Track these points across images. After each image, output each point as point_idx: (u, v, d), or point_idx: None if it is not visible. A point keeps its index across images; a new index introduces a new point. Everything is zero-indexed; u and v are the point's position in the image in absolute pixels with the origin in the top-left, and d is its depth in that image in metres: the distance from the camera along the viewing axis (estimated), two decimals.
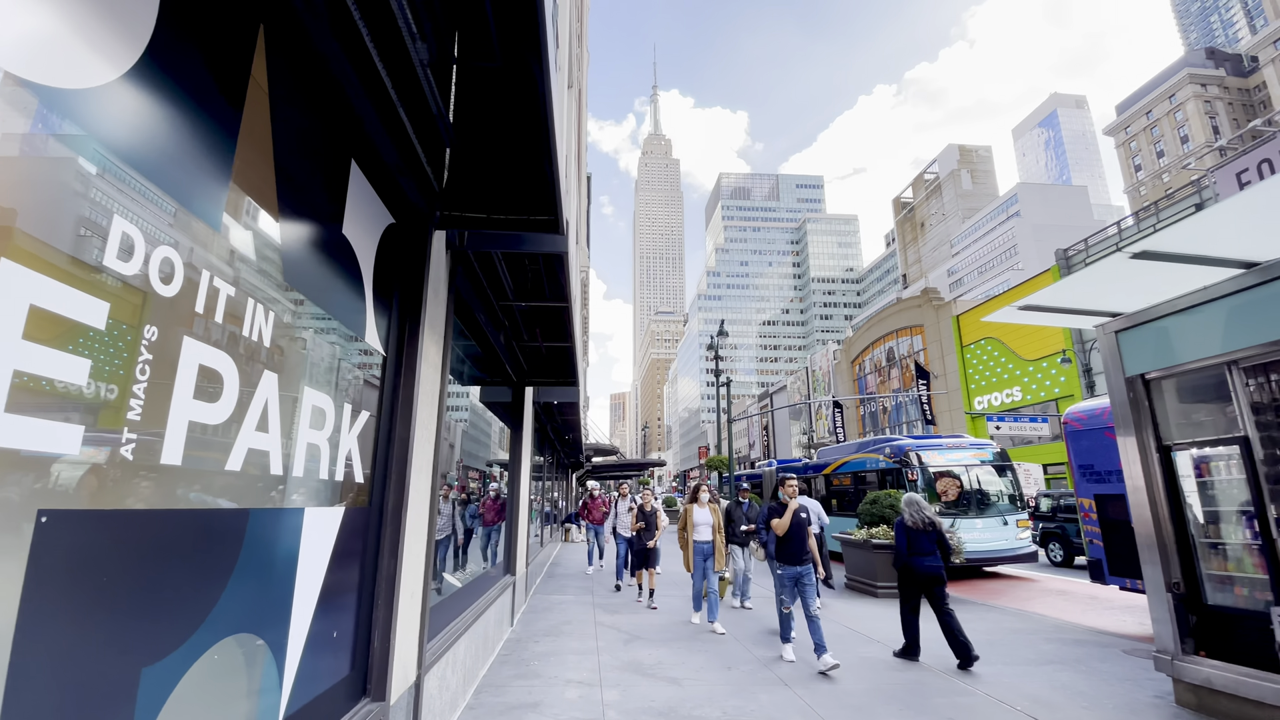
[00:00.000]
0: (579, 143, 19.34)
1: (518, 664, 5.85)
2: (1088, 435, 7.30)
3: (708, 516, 7.63)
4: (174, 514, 1.51)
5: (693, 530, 7.60)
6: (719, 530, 7.53)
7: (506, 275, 4.73)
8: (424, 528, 3.39)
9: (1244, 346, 4.08)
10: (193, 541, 1.59)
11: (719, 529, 7.54)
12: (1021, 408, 30.07)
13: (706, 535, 7.56)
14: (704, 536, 7.57)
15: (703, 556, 7.55)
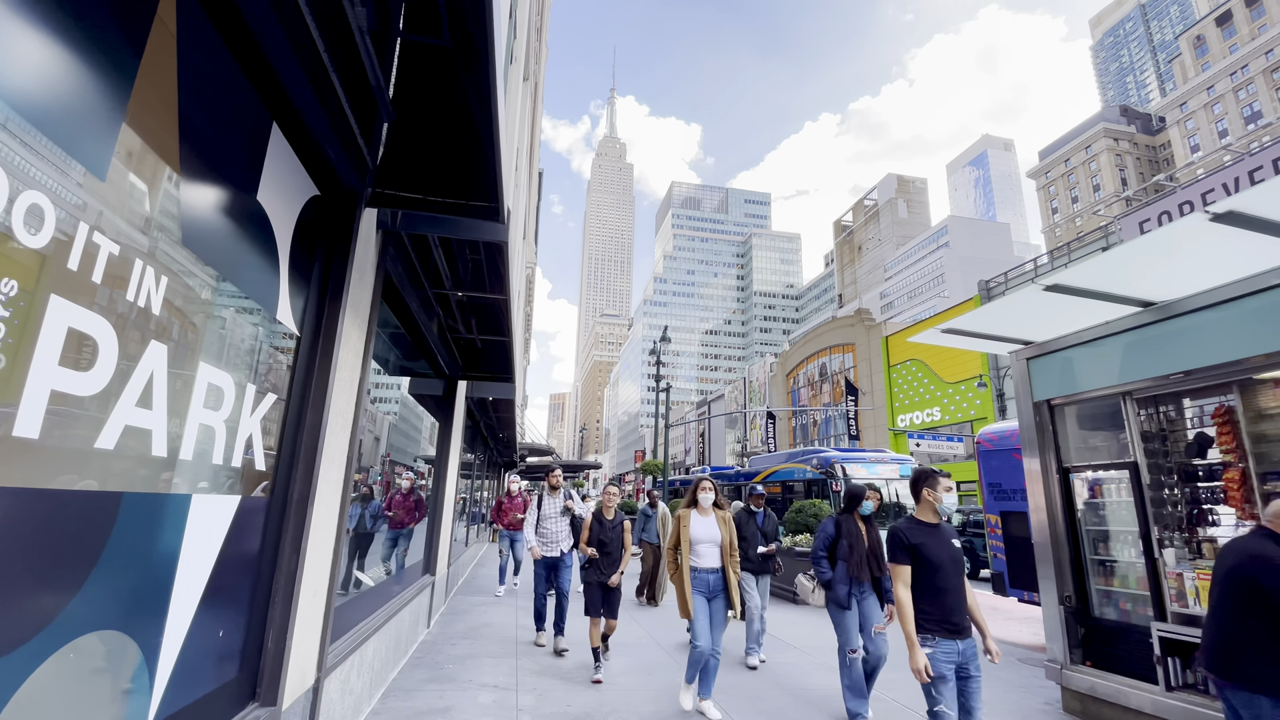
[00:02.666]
0: (532, 137, 19.06)
1: (431, 667, 5.63)
2: (997, 455, 7.75)
3: (713, 530, 4.82)
4: (24, 493, 1.34)
5: (688, 551, 4.79)
6: (730, 553, 4.79)
7: (443, 262, 4.55)
8: (333, 522, 3.20)
9: (1138, 379, 4.41)
10: (47, 526, 1.41)
11: (730, 551, 4.79)
12: (940, 427, 31.74)
13: (712, 560, 4.75)
14: (708, 562, 4.74)
15: (707, 593, 4.70)
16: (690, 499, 5.06)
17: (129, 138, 1.58)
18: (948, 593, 3.33)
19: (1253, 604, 2.70)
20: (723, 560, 4.79)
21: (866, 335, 42.43)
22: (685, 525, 4.86)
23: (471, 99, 2.83)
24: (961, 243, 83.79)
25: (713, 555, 4.79)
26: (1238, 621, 2.74)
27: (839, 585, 4.79)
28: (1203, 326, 3.97)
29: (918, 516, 3.48)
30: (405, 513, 5.82)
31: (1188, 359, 4.06)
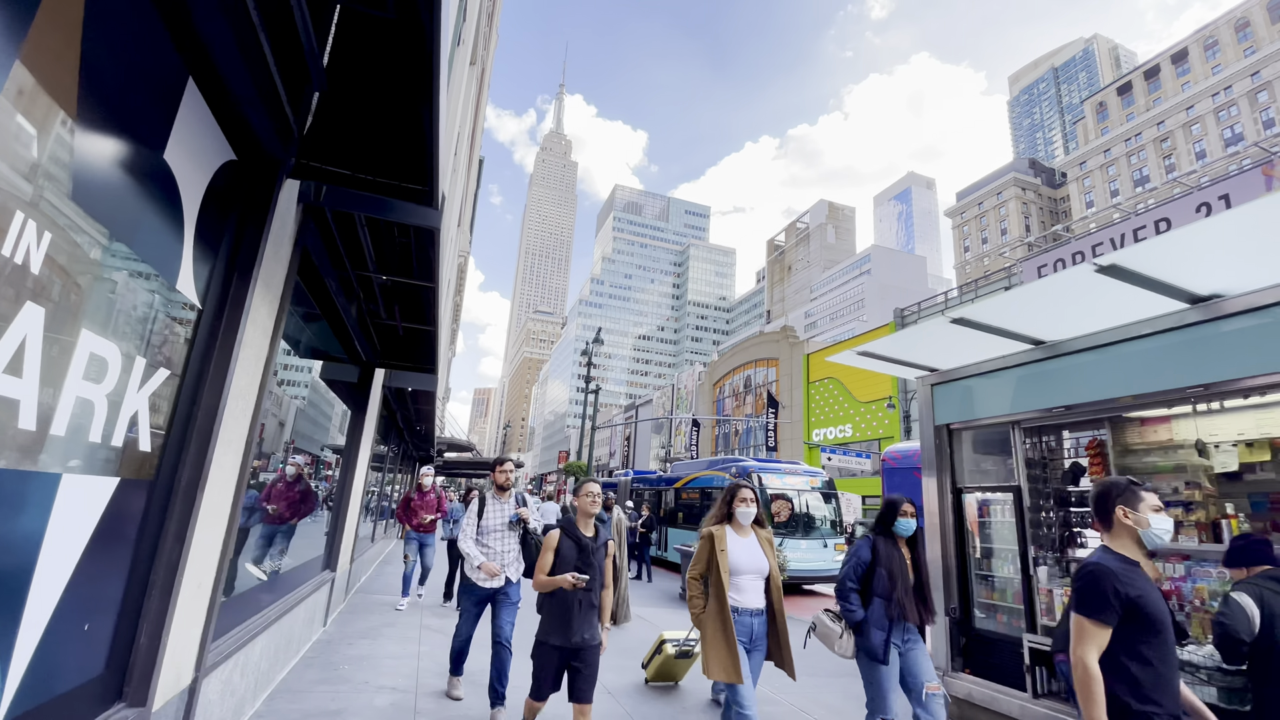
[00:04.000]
0: (475, 124, 18.59)
1: (325, 667, 5.34)
2: (900, 473, 8.24)
3: (758, 556, 3.69)
4: None
5: (727, 581, 3.58)
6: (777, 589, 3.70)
7: (369, 243, 4.35)
8: (225, 511, 2.98)
9: (1026, 410, 4.81)
10: None
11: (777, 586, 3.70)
12: (851, 443, 33.39)
13: (756, 597, 3.65)
14: (751, 600, 3.63)
15: (747, 643, 3.56)
16: (723, 513, 3.82)
17: (21, 74, 1.42)
18: (1172, 671, 2.12)
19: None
20: (769, 597, 3.67)
21: (790, 352, 44.06)
22: (721, 548, 3.61)
23: (413, 78, 2.74)
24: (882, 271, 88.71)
25: (757, 590, 3.64)
26: None
27: (874, 630, 3.69)
28: (1083, 366, 4.39)
29: (1114, 548, 2.28)
30: (288, 505, 4.84)
31: (1069, 395, 4.47)
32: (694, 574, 3.70)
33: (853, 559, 3.96)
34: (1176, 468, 4.46)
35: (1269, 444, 4.22)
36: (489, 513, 4.72)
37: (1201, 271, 3.51)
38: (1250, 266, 3.38)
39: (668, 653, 5.49)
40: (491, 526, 4.69)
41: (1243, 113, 57.18)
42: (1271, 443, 4.21)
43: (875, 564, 3.85)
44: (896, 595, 3.72)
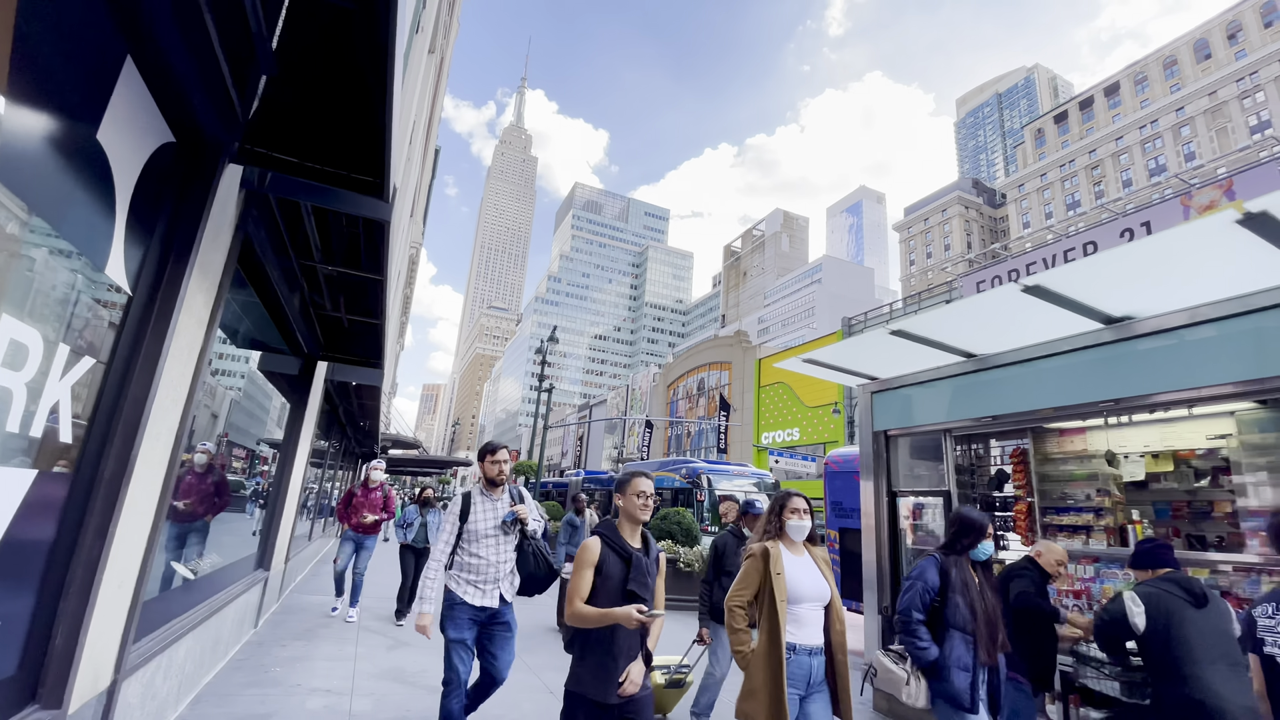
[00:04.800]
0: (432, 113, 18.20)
1: (254, 670, 5.15)
2: (841, 476, 8.53)
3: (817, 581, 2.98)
4: None
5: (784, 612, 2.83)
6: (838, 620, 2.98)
7: (315, 232, 4.23)
8: (151, 507, 2.85)
9: (957, 419, 5.08)
10: None
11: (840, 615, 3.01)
12: (797, 446, 34.21)
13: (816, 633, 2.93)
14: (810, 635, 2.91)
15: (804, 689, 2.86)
16: (774, 526, 3.09)
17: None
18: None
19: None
20: (829, 633, 2.95)
21: (743, 356, 44.85)
22: (778, 570, 2.88)
23: (366, 66, 2.69)
24: (832, 281, 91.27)
25: (817, 623, 2.93)
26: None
27: (955, 671, 3.02)
28: (1009, 379, 4.67)
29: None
30: (199, 500, 4.16)
31: (996, 405, 4.75)
32: (739, 601, 2.91)
33: (917, 584, 3.19)
34: (1089, 476, 4.79)
35: (1172, 456, 4.60)
36: (477, 514, 3.69)
37: (1115, 295, 3.79)
38: (1159, 291, 3.68)
39: (656, 681, 4.55)
40: (481, 531, 3.64)
41: (1166, 145, 61.49)
42: (1174, 455, 4.58)
43: (947, 590, 3.15)
44: (978, 629, 3.04)
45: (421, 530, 8.01)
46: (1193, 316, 3.63)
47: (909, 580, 3.28)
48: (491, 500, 3.78)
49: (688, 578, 10.27)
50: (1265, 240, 2.95)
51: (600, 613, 2.51)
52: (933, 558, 3.30)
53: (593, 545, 2.69)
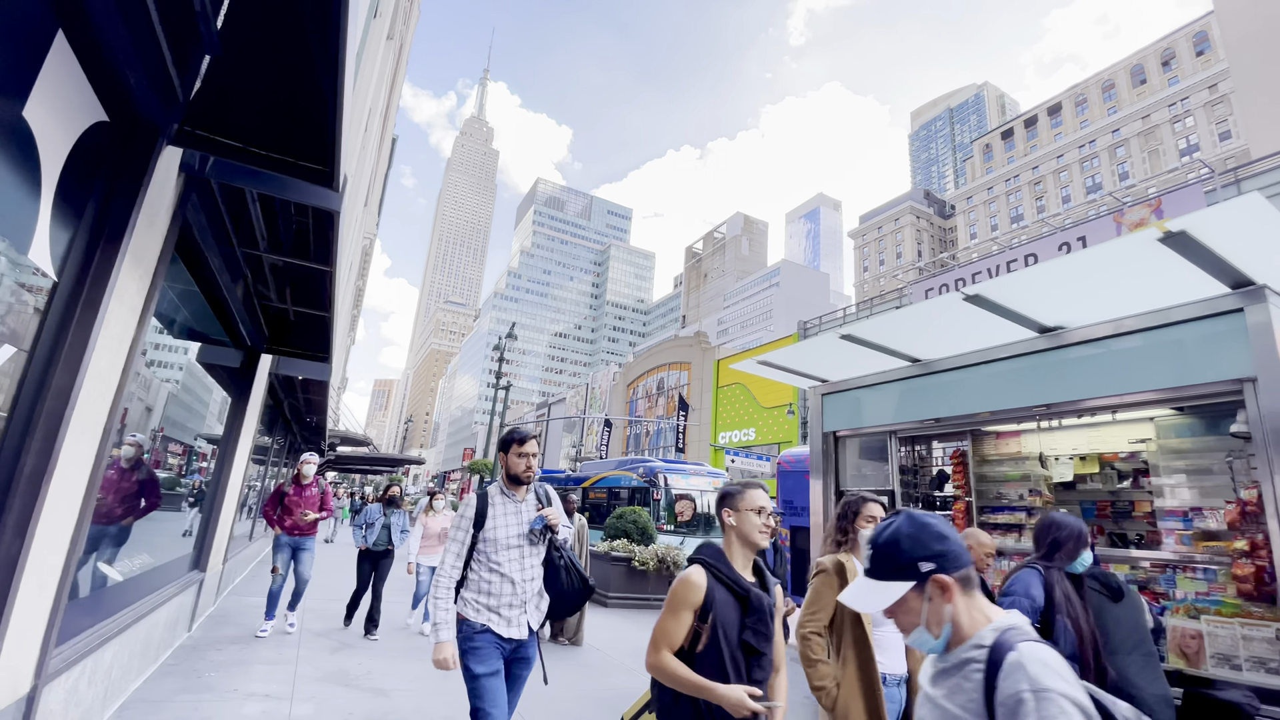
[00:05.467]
0: (389, 101, 17.76)
1: (187, 675, 4.93)
2: (793, 476, 8.73)
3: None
4: None
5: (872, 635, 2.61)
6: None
7: (261, 221, 4.08)
8: (76, 505, 2.71)
9: (902, 421, 5.26)
10: None
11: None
12: (753, 446, 34.79)
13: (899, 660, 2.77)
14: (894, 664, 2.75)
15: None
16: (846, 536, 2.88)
17: None
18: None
19: None
20: (909, 658, 2.74)
21: (702, 356, 45.30)
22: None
23: (316, 50, 2.61)
24: (790, 284, 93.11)
25: (899, 648, 2.72)
26: None
27: None
28: (950, 384, 4.86)
29: None
30: (118, 500, 3.76)
31: (938, 408, 4.94)
32: (815, 626, 2.56)
33: (1021, 602, 2.68)
34: (1023, 477, 5.04)
35: (1098, 458, 4.87)
36: (497, 519, 2.93)
37: (1049, 305, 4.00)
38: (1089, 303, 3.90)
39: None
40: (504, 540, 2.89)
41: (1103, 164, 65.01)
42: (1100, 457, 4.86)
43: (1051, 610, 2.67)
44: (1086, 654, 2.62)
45: (384, 533, 7.27)
46: (1118, 328, 3.86)
47: (1006, 597, 2.72)
48: (515, 502, 2.98)
49: (642, 576, 10.33)
50: (1184, 258, 3.17)
51: (698, 684, 1.90)
52: (1033, 570, 2.78)
53: (696, 578, 2.02)
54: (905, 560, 1.28)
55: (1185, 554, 3.91)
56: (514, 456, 2.98)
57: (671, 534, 12.81)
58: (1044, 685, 1.08)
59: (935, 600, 1.26)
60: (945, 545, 1.28)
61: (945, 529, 1.31)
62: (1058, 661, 1.13)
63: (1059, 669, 1.11)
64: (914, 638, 1.30)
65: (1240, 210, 2.79)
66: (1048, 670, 1.10)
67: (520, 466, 2.98)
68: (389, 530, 7.32)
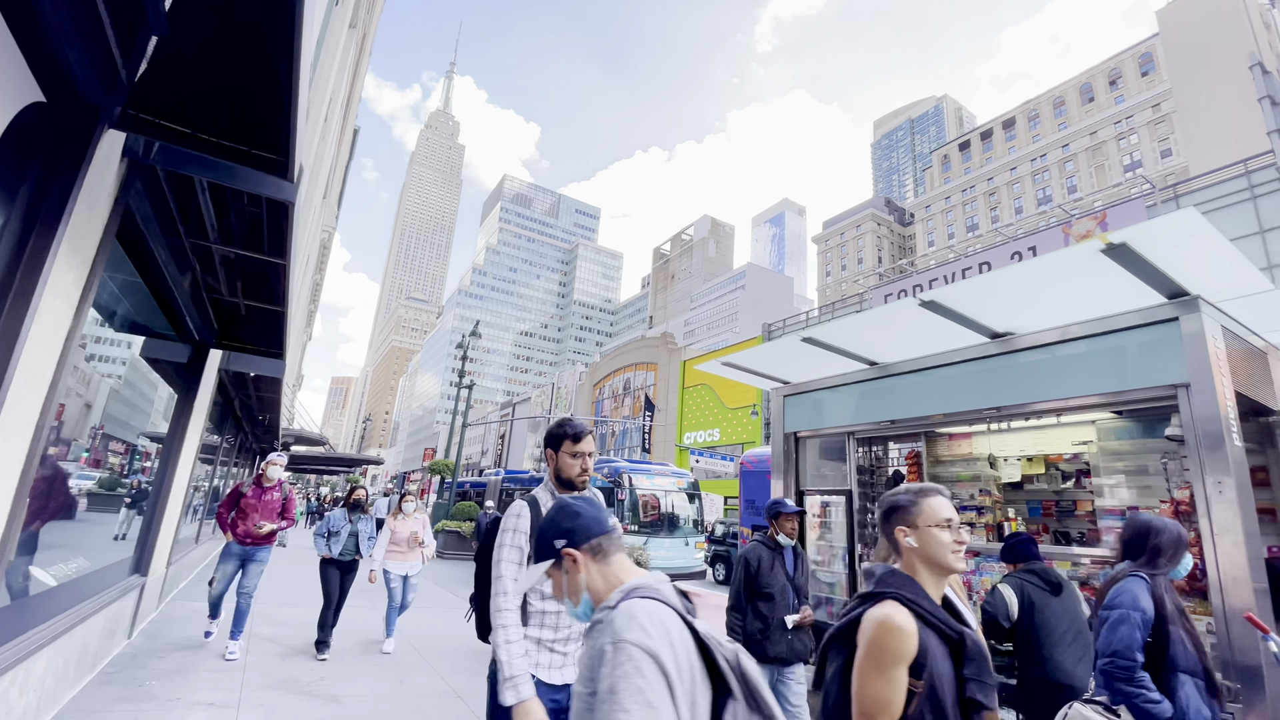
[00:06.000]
0: (351, 91, 17.31)
1: (127, 684, 4.70)
2: (755, 476, 8.85)
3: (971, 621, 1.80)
4: None
5: None
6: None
7: (210, 210, 3.92)
8: (5, 505, 2.55)
9: (860, 423, 5.38)
10: None
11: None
12: (718, 446, 35.13)
13: None
14: None
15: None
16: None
17: None
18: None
19: None
20: None
21: (668, 357, 45.50)
22: None
23: (273, 34, 2.52)
24: (755, 287, 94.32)
25: None
26: None
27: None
28: (906, 386, 5.00)
29: None
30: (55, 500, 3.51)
31: (895, 410, 5.07)
32: None
33: (1132, 615, 2.36)
34: (974, 477, 5.22)
35: (1044, 459, 5.08)
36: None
37: (1000, 312, 4.15)
38: (1038, 310, 4.06)
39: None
40: None
41: (1053, 178, 67.76)
42: (1045, 458, 5.07)
43: (1163, 623, 2.37)
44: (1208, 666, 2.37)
45: (351, 541, 6.51)
46: (1064, 334, 4.02)
47: (1115, 610, 2.41)
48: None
49: None
50: (1125, 269, 3.32)
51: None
52: (1139, 579, 2.49)
53: (905, 623, 1.54)
54: (544, 540, 1.41)
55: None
56: (566, 456, 2.44)
57: (635, 534, 12.82)
58: (621, 636, 1.13)
59: (571, 573, 1.37)
60: (575, 522, 1.39)
61: (581, 508, 1.42)
62: (649, 614, 1.18)
63: (646, 621, 1.15)
64: (565, 609, 1.43)
65: (1177, 225, 2.94)
66: (631, 623, 1.15)
67: (575, 469, 2.43)
68: (356, 539, 6.56)
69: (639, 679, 1.08)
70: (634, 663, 1.09)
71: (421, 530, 6.98)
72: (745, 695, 1.18)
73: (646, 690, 1.07)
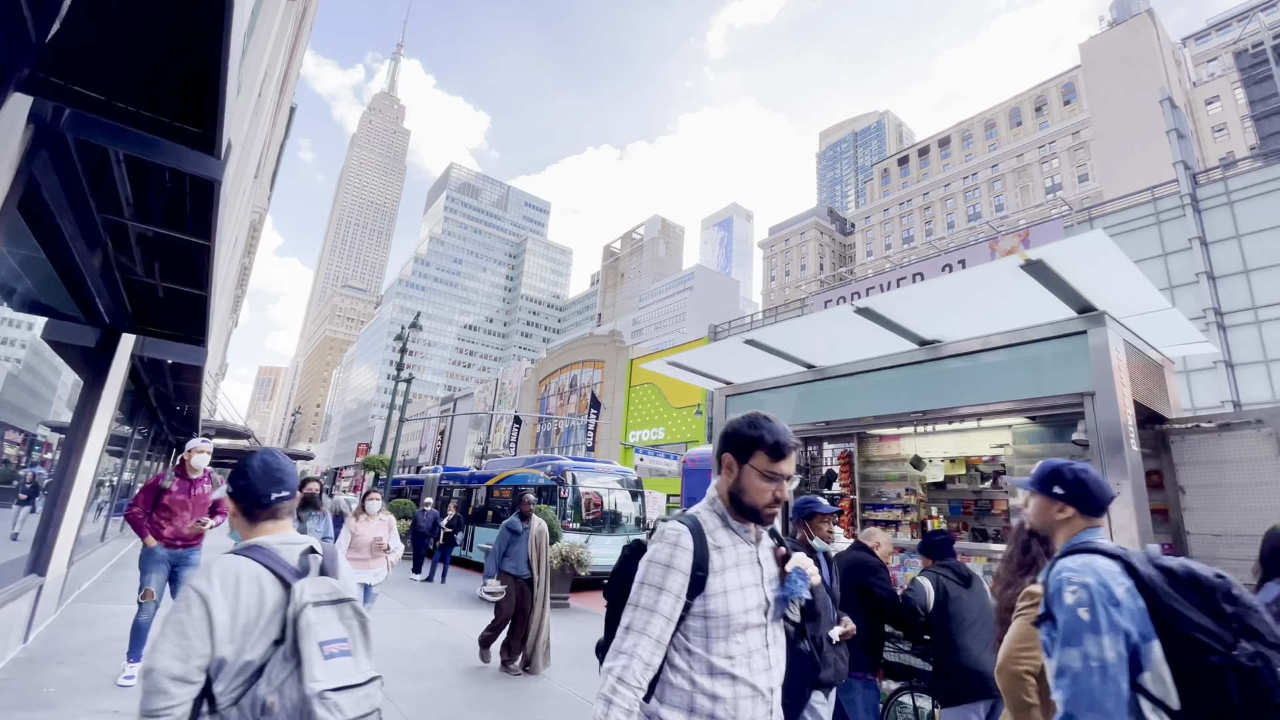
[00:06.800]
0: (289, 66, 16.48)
1: (21, 691, 4.33)
2: (697, 474, 8.99)
3: None
4: None
5: None
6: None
7: (127, 186, 3.65)
8: None
9: (798, 423, 5.55)
10: None
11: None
12: (662, 445, 35.44)
13: None
14: None
15: None
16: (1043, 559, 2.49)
17: None
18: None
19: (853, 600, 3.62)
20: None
21: (616, 355, 45.52)
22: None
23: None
24: (703, 290, 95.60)
25: None
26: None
27: None
28: (841, 389, 5.19)
29: None
30: None
31: (829, 412, 5.26)
32: (1030, 666, 2.10)
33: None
34: (900, 477, 5.47)
35: (965, 461, 5.38)
36: (728, 572, 1.61)
37: (928, 320, 4.37)
38: (963, 320, 4.29)
39: None
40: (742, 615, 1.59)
41: (983, 196, 71.69)
42: (966, 460, 5.37)
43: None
44: None
45: None
46: (986, 343, 4.27)
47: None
48: (748, 544, 1.68)
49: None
50: (1041, 284, 3.56)
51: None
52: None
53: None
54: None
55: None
56: (756, 474, 1.62)
57: (577, 532, 12.78)
58: (190, 581, 1.46)
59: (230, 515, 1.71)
60: (243, 483, 1.66)
61: (256, 477, 1.66)
62: (225, 569, 1.48)
63: (215, 573, 1.46)
64: None
65: (1087, 245, 3.18)
66: (203, 572, 1.47)
67: (765, 496, 1.61)
68: None
69: (185, 614, 1.40)
70: (187, 601, 1.41)
71: (387, 534, 6.38)
72: (292, 642, 1.44)
73: (186, 624, 1.39)
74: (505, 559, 6.49)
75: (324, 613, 1.49)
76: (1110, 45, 52.88)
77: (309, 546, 1.64)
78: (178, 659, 1.36)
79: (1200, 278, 16.65)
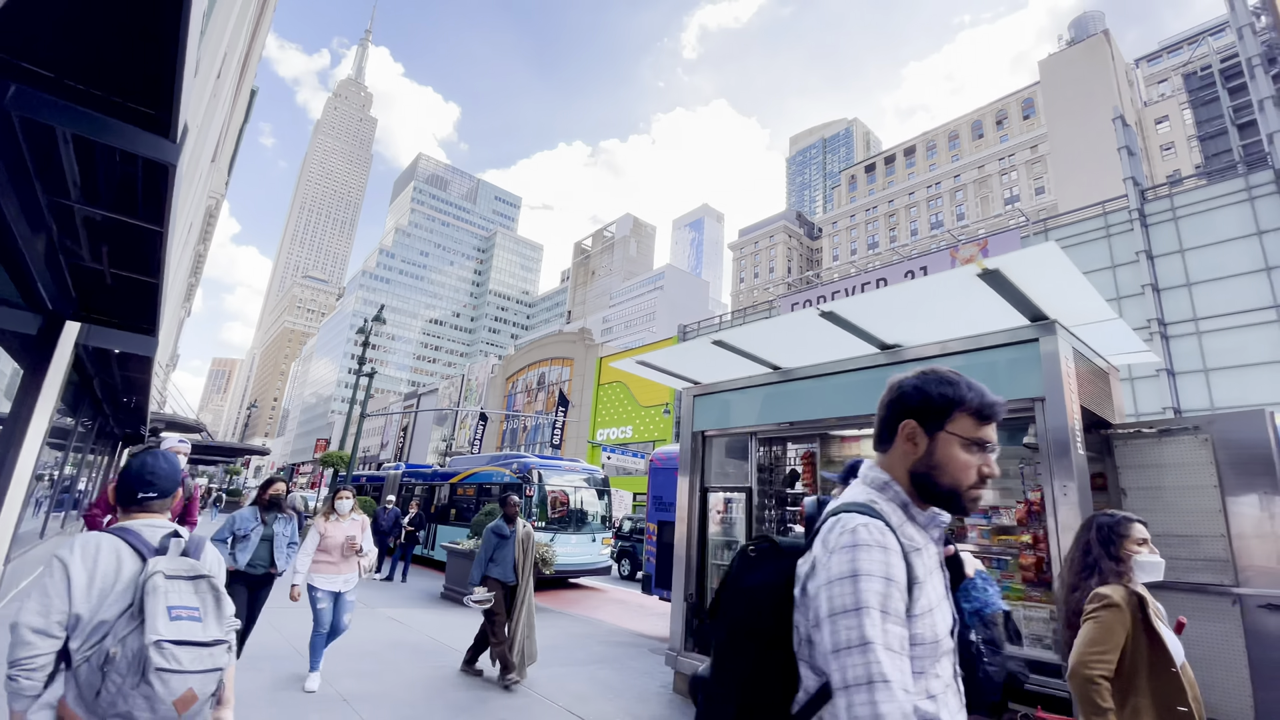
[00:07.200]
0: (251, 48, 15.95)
1: None
2: (663, 473, 9.02)
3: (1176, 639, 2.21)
4: None
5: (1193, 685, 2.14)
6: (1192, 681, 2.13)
7: (74, 164, 3.49)
8: None
9: (762, 423, 5.64)
10: None
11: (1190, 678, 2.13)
12: (630, 443, 35.52)
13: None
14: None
15: None
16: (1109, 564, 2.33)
17: None
18: None
19: None
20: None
21: (585, 353, 45.39)
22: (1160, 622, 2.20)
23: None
24: (673, 289, 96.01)
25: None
26: None
27: None
28: (806, 391, 5.29)
29: None
30: None
31: (793, 413, 5.36)
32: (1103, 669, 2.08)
33: None
34: None
35: None
36: (929, 583, 1.20)
37: (889, 325, 4.49)
38: (922, 325, 4.42)
39: None
40: (947, 633, 1.22)
41: (945, 205, 73.72)
42: None
43: None
44: None
45: (264, 548, 5.21)
46: (944, 348, 4.41)
47: None
48: (936, 542, 1.31)
49: None
50: (996, 292, 3.70)
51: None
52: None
53: None
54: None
55: (985, 546, 4.55)
56: (958, 444, 1.27)
57: (543, 530, 12.71)
58: (56, 551, 1.72)
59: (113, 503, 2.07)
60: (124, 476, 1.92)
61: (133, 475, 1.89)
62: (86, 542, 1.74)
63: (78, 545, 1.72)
64: None
65: (1040, 256, 3.31)
66: (69, 543, 1.73)
67: (970, 474, 1.26)
68: (270, 545, 5.24)
69: (48, 578, 1.66)
70: (51, 568, 1.67)
71: (360, 535, 5.78)
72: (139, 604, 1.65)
73: (48, 586, 1.64)
74: (492, 564, 6.10)
75: (177, 584, 1.71)
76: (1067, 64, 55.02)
77: (172, 531, 1.88)
78: (39, 614, 1.61)
79: (1146, 290, 17.48)
